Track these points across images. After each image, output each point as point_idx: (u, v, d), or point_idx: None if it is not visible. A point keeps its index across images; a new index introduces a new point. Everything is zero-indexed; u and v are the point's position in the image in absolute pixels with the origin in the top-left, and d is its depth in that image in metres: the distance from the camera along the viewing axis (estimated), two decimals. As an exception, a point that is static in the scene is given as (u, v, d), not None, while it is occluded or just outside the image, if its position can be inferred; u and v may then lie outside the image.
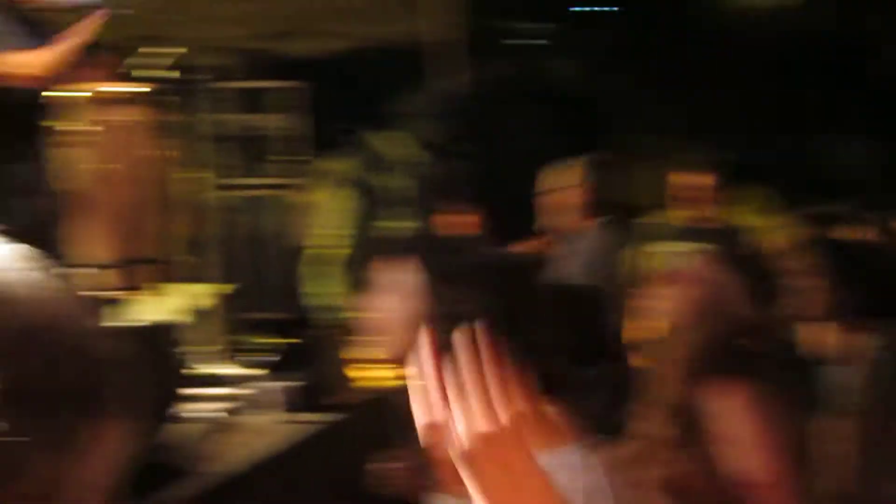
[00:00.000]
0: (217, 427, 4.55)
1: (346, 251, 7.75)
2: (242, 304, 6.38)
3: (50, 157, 4.93)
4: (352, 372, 5.23)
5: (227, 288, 5.90)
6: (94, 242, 4.93)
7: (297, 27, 7.98)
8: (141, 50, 5.62)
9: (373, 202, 7.82)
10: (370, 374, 5.34)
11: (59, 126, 4.92)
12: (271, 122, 7.84)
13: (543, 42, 8.97)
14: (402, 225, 7.66)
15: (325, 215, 7.89)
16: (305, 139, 7.86)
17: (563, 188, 5.62)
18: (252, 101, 7.89)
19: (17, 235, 1.03)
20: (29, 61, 4.94)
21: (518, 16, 8.90)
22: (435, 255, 2.27)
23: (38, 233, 4.80)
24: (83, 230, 4.93)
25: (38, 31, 5.23)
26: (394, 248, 2.31)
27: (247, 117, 7.86)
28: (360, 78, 8.31)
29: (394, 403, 5.14)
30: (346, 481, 4.27)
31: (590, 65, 9.01)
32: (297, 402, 4.80)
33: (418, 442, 1.30)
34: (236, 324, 6.03)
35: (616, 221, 5.53)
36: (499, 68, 8.43)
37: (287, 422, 4.73)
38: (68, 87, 5.01)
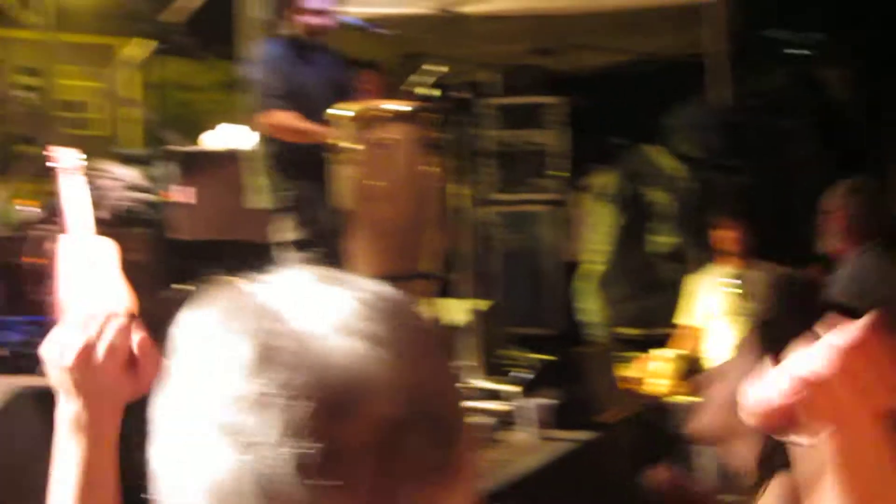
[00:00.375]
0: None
1: (609, 267, 7.69)
2: (502, 320, 6.41)
3: (329, 175, 5.08)
4: (618, 389, 5.18)
5: (487, 303, 5.94)
6: (370, 257, 5.05)
7: (566, 42, 8.00)
8: (409, 68, 5.73)
9: (638, 216, 7.74)
10: (638, 392, 5.26)
11: (335, 144, 5.07)
12: (538, 137, 7.87)
13: (814, 52, 8.68)
14: (667, 240, 7.55)
15: (591, 230, 7.86)
16: (571, 153, 7.86)
17: (826, 212, 5.38)
18: (519, 117, 7.94)
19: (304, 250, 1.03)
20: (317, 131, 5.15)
21: (787, 25, 8.65)
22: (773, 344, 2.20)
23: (322, 249, 4.98)
24: (359, 246, 5.06)
25: (314, 56, 5.43)
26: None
27: (513, 133, 7.92)
28: (626, 91, 8.25)
29: (657, 421, 5.03)
30: (607, 498, 4.22)
31: (862, 73, 8.67)
32: (558, 419, 4.77)
33: (683, 457, 1.26)
34: (496, 339, 6.06)
35: (883, 248, 5.22)
36: (768, 80, 8.20)
37: (547, 438, 4.71)
38: (343, 106, 5.17)
